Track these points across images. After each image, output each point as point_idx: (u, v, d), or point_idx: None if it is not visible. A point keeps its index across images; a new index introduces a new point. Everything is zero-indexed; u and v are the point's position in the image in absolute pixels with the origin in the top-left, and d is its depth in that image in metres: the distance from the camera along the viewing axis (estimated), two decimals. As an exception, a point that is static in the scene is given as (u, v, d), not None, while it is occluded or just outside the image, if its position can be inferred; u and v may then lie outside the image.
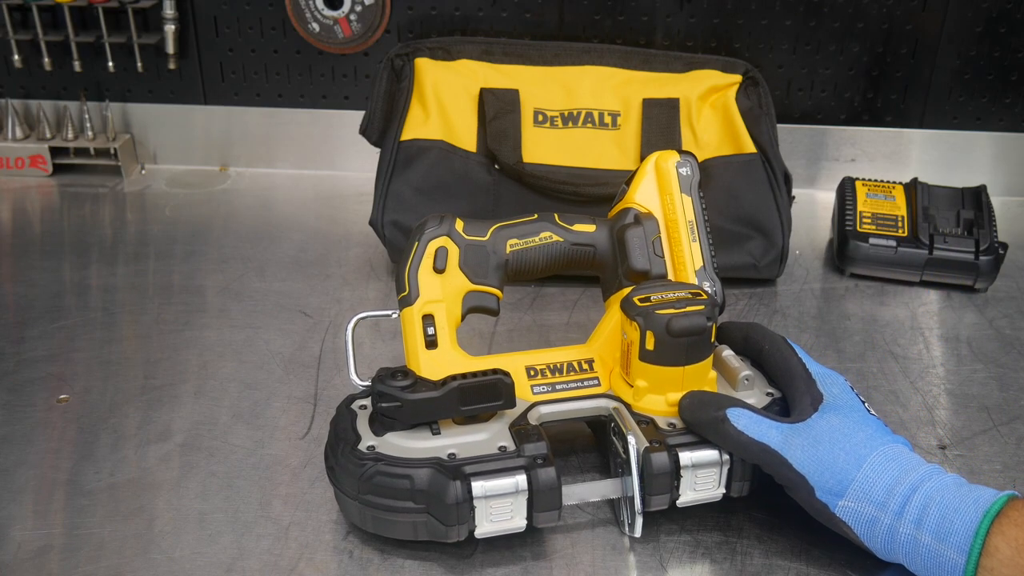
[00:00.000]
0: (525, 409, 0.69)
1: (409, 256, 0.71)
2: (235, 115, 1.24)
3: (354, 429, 0.66)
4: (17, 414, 0.79)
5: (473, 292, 0.72)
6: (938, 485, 0.60)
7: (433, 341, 0.69)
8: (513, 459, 0.63)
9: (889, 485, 0.61)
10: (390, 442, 0.64)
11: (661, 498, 0.65)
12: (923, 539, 0.58)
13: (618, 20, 1.14)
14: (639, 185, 0.77)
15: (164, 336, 0.91)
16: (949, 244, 1.01)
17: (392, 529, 0.64)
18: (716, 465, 0.65)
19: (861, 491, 0.61)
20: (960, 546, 0.57)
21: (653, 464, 0.64)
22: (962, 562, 0.57)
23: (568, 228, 0.75)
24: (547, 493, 0.62)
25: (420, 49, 1.06)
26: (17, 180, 1.23)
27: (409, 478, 0.62)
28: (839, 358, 0.90)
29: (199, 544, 0.66)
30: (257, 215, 1.17)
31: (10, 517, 0.68)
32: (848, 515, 0.61)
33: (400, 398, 0.64)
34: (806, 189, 1.21)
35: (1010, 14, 1.13)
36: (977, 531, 0.56)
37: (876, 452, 0.62)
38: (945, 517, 0.58)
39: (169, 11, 1.16)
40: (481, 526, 0.63)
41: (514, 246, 0.74)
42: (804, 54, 1.16)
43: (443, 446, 0.64)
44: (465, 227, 0.73)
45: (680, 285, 0.70)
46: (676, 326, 0.65)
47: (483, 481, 0.62)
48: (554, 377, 0.71)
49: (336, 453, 0.65)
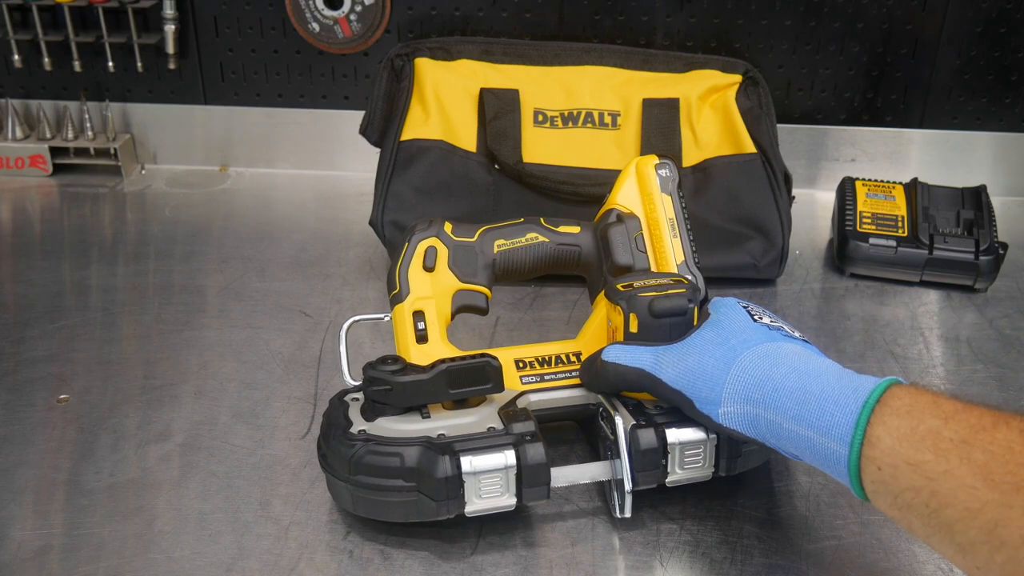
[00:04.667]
0: (514, 397, 0.71)
1: (399, 256, 0.73)
2: (235, 115, 1.24)
3: (346, 417, 0.67)
4: (17, 414, 0.79)
5: (462, 291, 0.74)
6: (815, 377, 0.58)
7: (424, 336, 0.71)
8: (501, 437, 0.65)
9: (759, 379, 0.60)
10: (381, 426, 0.66)
11: (649, 476, 0.66)
12: (805, 433, 0.57)
13: (618, 20, 1.14)
14: (621, 187, 0.79)
15: (164, 336, 0.91)
16: (949, 244, 1.01)
17: (383, 511, 0.65)
18: (703, 443, 0.66)
19: (734, 391, 0.60)
20: (842, 438, 0.55)
21: (640, 441, 0.65)
22: (845, 453, 0.54)
23: (553, 230, 0.77)
24: (535, 468, 0.64)
25: (420, 49, 1.06)
26: (17, 180, 1.23)
27: (399, 456, 0.63)
28: (839, 358, 0.88)
29: (199, 544, 0.66)
30: (257, 215, 1.17)
31: (10, 517, 0.68)
32: (731, 420, 0.61)
33: (390, 381, 0.65)
34: (806, 189, 1.21)
35: (1010, 14, 1.13)
36: (857, 422, 0.54)
37: (748, 352, 0.61)
38: (824, 410, 0.56)
39: (169, 11, 1.16)
40: (471, 503, 0.64)
41: (501, 246, 0.76)
42: (804, 54, 1.16)
43: (433, 428, 0.66)
44: (454, 229, 0.75)
45: (662, 274, 0.72)
46: (658, 307, 0.66)
47: (472, 457, 0.63)
48: (542, 368, 0.73)
49: (328, 439, 0.67)
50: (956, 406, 0.52)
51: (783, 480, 0.73)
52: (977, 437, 0.50)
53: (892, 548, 0.67)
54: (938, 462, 0.50)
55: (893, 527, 0.68)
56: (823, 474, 0.73)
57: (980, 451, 0.49)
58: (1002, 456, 0.49)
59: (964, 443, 0.50)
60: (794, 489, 0.72)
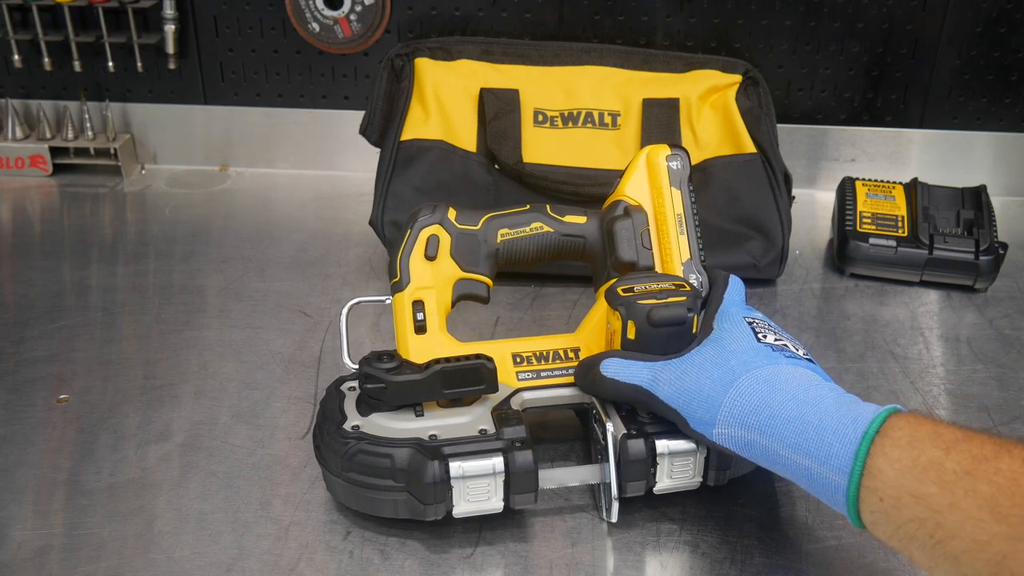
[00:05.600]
0: (508, 395, 0.70)
1: (402, 243, 0.73)
2: (235, 115, 1.24)
3: (341, 410, 0.68)
4: (17, 414, 0.79)
5: (464, 280, 0.74)
6: (814, 406, 0.58)
7: (422, 326, 0.71)
8: (492, 442, 0.65)
9: (756, 406, 0.59)
10: (374, 422, 0.66)
11: (637, 484, 0.66)
12: (802, 462, 0.57)
13: (618, 20, 1.14)
14: (630, 178, 0.77)
15: (164, 336, 0.91)
16: (949, 244, 1.01)
17: (374, 506, 0.66)
18: (692, 453, 0.66)
19: (730, 415, 0.60)
20: (841, 468, 0.55)
21: (630, 451, 0.65)
22: (844, 483, 0.54)
23: (559, 219, 0.76)
24: (523, 475, 0.64)
25: (420, 49, 1.06)
26: (17, 180, 1.23)
27: (390, 457, 0.64)
28: (839, 358, 0.90)
29: (199, 544, 0.66)
30: (257, 215, 1.17)
31: (10, 517, 0.68)
32: (726, 441, 0.61)
33: (384, 380, 0.66)
34: (806, 189, 1.21)
35: (1010, 14, 1.13)
36: (856, 454, 0.54)
37: (747, 375, 0.61)
38: (823, 440, 0.56)
39: (169, 11, 1.16)
40: (459, 506, 0.64)
41: (505, 235, 0.75)
42: (804, 54, 1.16)
43: (425, 427, 0.66)
44: (458, 216, 0.74)
45: (665, 277, 0.71)
46: (657, 316, 0.65)
47: (460, 462, 0.63)
48: (539, 364, 0.73)
49: (323, 432, 0.67)
50: (956, 435, 0.52)
51: (783, 480, 0.72)
52: (980, 468, 0.50)
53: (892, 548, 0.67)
54: (943, 495, 0.50)
55: (893, 527, 0.68)
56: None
57: (985, 483, 0.49)
58: (1008, 488, 0.48)
59: (968, 475, 0.50)
60: (794, 489, 0.72)
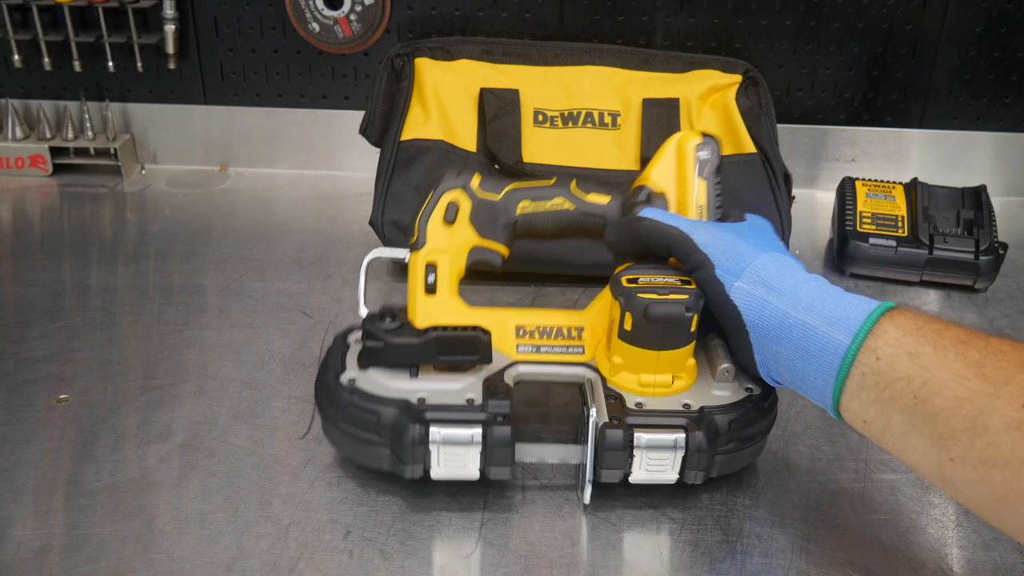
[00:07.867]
0: (505, 366, 0.71)
1: (424, 205, 0.75)
2: (235, 115, 1.24)
3: (343, 361, 0.70)
4: (17, 414, 0.79)
5: (479, 247, 0.75)
6: (835, 289, 0.63)
7: (432, 288, 0.72)
8: (475, 412, 0.66)
9: (783, 272, 0.64)
10: (370, 378, 0.68)
11: (613, 473, 0.67)
12: (811, 322, 0.61)
13: (618, 20, 1.15)
14: (657, 163, 0.77)
15: (164, 336, 0.91)
16: (949, 244, 1.01)
17: (360, 456, 0.70)
18: (671, 449, 0.66)
19: (756, 272, 0.64)
20: (848, 328, 0.59)
21: (607, 440, 0.66)
22: (845, 343, 0.58)
23: (582, 198, 0.76)
24: (499, 449, 0.66)
25: (420, 49, 1.06)
26: (17, 180, 1.23)
27: (377, 414, 0.66)
28: (839, 358, 0.90)
29: (199, 544, 0.66)
30: (257, 215, 1.17)
31: (10, 517, 0.68)
32: (741, 297, 0.64)
33: (383, 339, 0.68)
34: (806, 189, 1.21)
35: (1010, 14, 1.13)
36: (869, 316, 0.59)
37: (776, 251, 0.66)
38: (839, 305, 0.61)
39: (169, 11, 1.16)
40: (435, 469, 0.67)
41: (525, 208, 0.76)
42: (804, 54, 1.16)
43: (416, 389, 0.68)
44: (482, 183, 0.75)
45: (673, 271, 0.70)
46: (654, 312, 0.66)
47: (440, 428, 0.65)
48: (541, 339, 0.73)
49: (322, 381, 0.70)
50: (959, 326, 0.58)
51: (783, 480, 0.73)
52: (974, 340, 0.55)
53: (892, 548, 0.67)
54: (936, 354, 0.55)
55: (894, 527, 0.69)
56: (822, 474, 0.73)
57: (976, 350, 0.54)
58: (994, 356, 0.54)
59: (962, 343, 0.55)
60: (793, 489, 0.72)
